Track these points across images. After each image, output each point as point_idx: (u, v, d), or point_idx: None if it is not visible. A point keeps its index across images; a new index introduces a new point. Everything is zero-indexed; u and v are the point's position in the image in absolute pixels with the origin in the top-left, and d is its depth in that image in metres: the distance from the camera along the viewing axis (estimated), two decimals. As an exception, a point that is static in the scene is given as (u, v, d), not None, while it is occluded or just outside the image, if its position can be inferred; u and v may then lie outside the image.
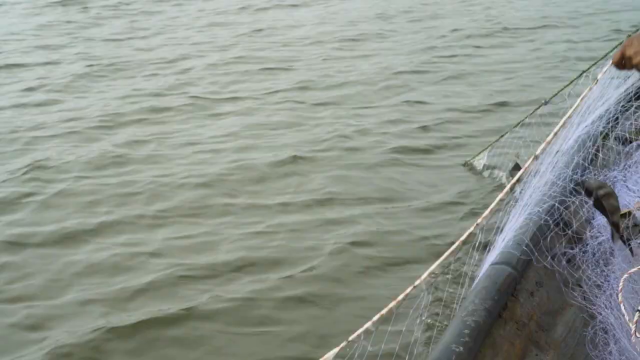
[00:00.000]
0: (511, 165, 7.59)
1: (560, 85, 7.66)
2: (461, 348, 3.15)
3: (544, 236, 3.87)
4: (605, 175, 4.05)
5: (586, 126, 4.75)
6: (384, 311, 4.17)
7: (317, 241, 7.06)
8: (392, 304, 4.20)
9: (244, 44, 15.04)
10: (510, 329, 3.49)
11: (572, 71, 9.27)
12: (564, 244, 3.93)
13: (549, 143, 4.62)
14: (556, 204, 3.96)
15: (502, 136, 8.23)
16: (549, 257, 3.85)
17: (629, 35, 6.37)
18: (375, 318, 4.13)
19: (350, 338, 4.00)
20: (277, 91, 11.93)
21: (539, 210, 3.94)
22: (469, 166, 8.77)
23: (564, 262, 3.82)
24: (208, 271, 6.59)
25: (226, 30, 16.32)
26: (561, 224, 3.98)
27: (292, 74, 12.89)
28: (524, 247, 3.73)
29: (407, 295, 4.26)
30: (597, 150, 4.48)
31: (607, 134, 4.63)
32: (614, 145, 4.48)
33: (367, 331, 4.04)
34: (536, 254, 3.76)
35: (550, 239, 3.90)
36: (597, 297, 3.57)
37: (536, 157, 4.65)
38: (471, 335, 3.23)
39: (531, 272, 3.74)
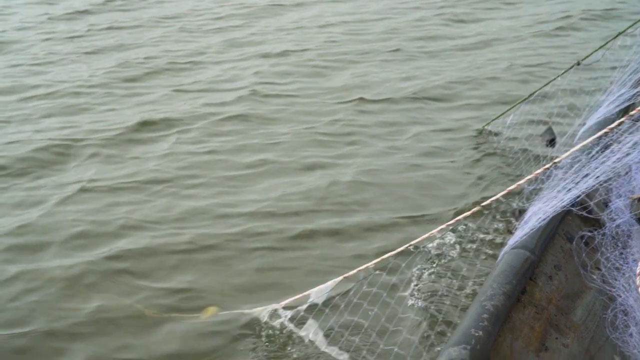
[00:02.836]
0: (544, 129, 7.47)
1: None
2: (480, 332, 3.30)
3: (561, 220, 3.97)
4: (620, 159, 4.14)
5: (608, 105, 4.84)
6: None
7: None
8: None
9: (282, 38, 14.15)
10: (530, 313, 3.63)
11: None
12: (582, 227, 4.04)
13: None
14: (574, 188, 4.06)
15: (530, 95, 8.17)
16: (567, 241, 3.96)
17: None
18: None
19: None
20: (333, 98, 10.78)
21: (557, 195, 4.04)
22: (486, 132, 8.79)
23: (582, 245, 3.93)
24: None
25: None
26: (579, 208, 4.08)
27: (335, 75, 11.93)
28: (542, 231, 3.84)
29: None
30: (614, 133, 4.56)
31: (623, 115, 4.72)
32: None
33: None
34: (554, 237, 3.87)
35: (568, 222, 4.01)
36: (616, 279, 3.70)
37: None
38: (490, 320, 3.38)
39: (549, 255, 3.87)
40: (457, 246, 6.22)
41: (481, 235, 6.22)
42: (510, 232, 4.36)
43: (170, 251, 6.69)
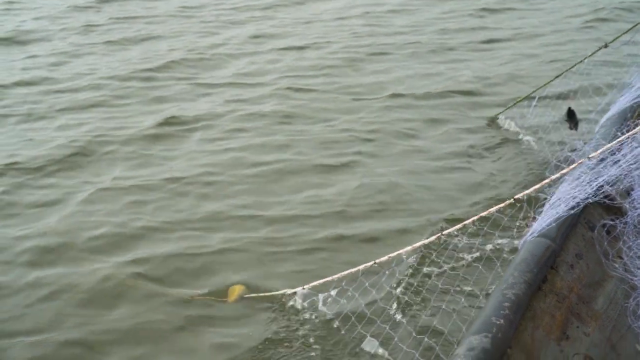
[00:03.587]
0: (566, 112, 7.52)
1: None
2: (502, 320, 3.42)
3: (583, 208, 4.07)
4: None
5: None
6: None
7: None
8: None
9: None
10: (551, 302, 3.74)
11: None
12: (603, 215, 4.13)
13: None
14: (595, 176, 4.16)
15: (557, 77, 8.24)
16: (589, 229, 4.06)
17: None
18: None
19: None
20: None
21: (578, 183, 4.14)
22: (495, 123, 8.87)
23: (604, 234, 4.03)
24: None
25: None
26: (600, 196, 4.17)
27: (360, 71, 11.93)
28: (564, 220, 3.94)
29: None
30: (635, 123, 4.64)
31: None
32: None
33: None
34: (576, 226, 3.97)
35: (589, 210, 4.11)
36: (638, 268, 3.79)
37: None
38: (511, 308, 3.51)
39: (571, 244, 3.97)
40: (490, 238, 6.19)
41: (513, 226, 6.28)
42: (534, 218, 4.46)
43: (194, 254, 6.67)
